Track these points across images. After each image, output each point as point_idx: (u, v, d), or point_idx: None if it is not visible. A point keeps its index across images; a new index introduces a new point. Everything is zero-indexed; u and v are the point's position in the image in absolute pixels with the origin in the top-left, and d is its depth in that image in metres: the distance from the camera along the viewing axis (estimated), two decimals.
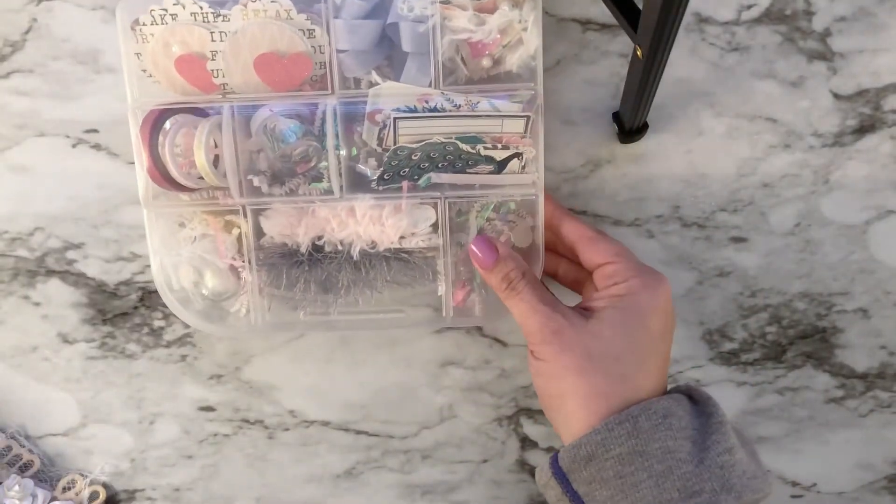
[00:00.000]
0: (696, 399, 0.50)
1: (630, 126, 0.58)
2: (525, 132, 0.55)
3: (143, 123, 0.54)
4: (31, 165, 0.63)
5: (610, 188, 0.62)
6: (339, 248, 0.57)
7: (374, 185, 0.56)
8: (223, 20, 0.53)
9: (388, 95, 0.54)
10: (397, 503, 0.69)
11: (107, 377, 0.67)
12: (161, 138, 0.54)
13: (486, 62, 0.55)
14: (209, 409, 0.68)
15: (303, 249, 0.57)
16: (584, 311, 0.49)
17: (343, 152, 0.55)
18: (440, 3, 0.53)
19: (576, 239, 0.53)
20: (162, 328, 0.66)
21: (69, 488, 0.68)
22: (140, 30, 0.54)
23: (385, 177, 0.56)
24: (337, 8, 0.53)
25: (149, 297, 0.65)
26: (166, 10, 0.53)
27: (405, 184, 0.56)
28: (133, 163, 0.57)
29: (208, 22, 0.54)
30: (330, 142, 0.55)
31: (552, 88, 0.60)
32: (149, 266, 0.62)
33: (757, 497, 0.44)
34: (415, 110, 0.54)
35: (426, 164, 0.55)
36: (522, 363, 0.66)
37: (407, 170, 0.55)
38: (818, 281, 0.64)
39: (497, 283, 0.51)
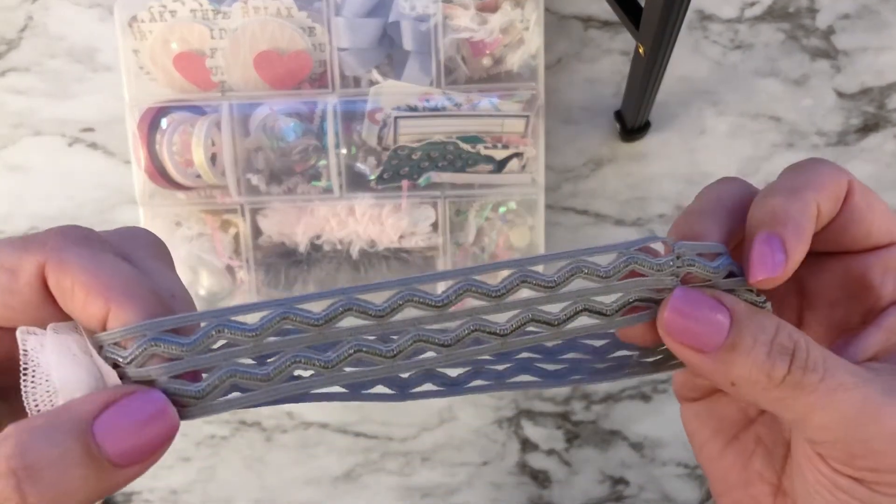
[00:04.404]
0: None
1: (632, 124, 0.58)
2: (525, 132, 0.54)
3: (141, 121, 0.54)
4: (26, 165, 0.63)
5: (612, 187, 0.62)
6: (338, 247, 0.57)
7: (373, 183, 0.55)
8: (223, 17, 0.53)
9: (388, 94, 0.54)
10: None
11: None
12: (158, 136, 0.54)
13: (486, 61, 0.55)
14: None
15: (301, 249, 0.57)
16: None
17: (344, 151, 0.55)
18: (442, 1, 0.53)
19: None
20: None
21: None
22: (138, 27, 0.54)
23: (385, 176, 0.55)
24: (338, 6, 0.53)
25: None
26: (165, 7, 0.53)
27: (405, 183, 0.56)
28: (129, 162, 0.57)
29: (208, 19, 0.53)
30: (330, 140, 0.54)
31: (553, 87, 0.60)
32: None
33: None
34: (415, 109, 0.54)
35: (426, 164, 0.55)
36: None
37: (407, 169, 0.55)
38: None
39: (751, 371, 0.21)
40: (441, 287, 0.21)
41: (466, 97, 0.53)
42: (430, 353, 0.21)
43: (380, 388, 0.23)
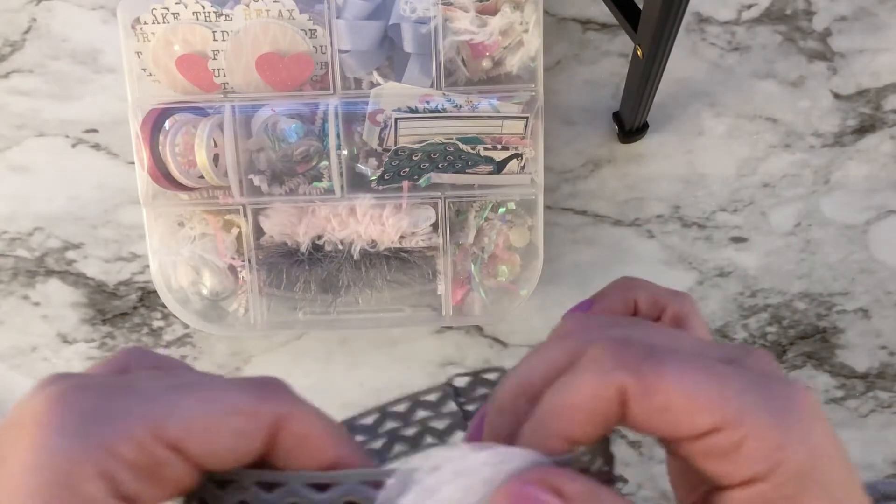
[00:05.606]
0: None
1: (630, 126, 0.58)
2: (524, 133, 0.55)
3: (144, 122, 0.54)
4: (30, 165, 0.63)
5: (610, 188, 0.62)
6: (340, 247, 0.57)
7: (374, 184, 0.56)
8: (225, 19, 0.53)
9: (389, 96, 0.54)
10: None
11: None
12: (161, 137, 0.54)
13: (486, 63, 0.55)
14: None
15: (303, 249, 0.57)
16: None
17: (345, 152, 0.55)
18: (442, 4, 0.53)
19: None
20: (161, 328, 0.66)
21: None
22: (141, 28, 0.54)
23: (385, 176, 0.56)
24: (339, 8, 0.53)
25: (148, 297, 0.65)
26: (168, 9, 0.53)
27: (405, 183, 0.56)
28: (133, 162, 0.57)
29: (210, 21, 0.54)
30: (332, 141, 0.55)
31: (552, 88, 0.60)
32: (148, 266, 0.62)
33: None
34: (416, 111, 0.54)
35: (426, 164, 0.55)
36: None
37: (407, 170, 0.55)
38: (818, 281, 0.64)
39: None
40: None
41: (466, 99, 0.54)
42: None
43: None
